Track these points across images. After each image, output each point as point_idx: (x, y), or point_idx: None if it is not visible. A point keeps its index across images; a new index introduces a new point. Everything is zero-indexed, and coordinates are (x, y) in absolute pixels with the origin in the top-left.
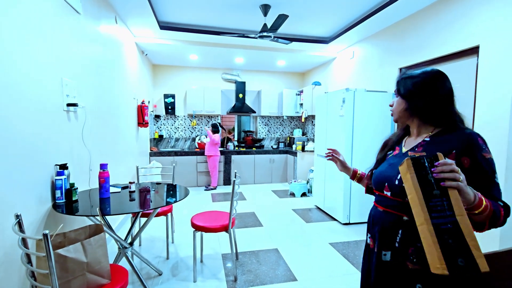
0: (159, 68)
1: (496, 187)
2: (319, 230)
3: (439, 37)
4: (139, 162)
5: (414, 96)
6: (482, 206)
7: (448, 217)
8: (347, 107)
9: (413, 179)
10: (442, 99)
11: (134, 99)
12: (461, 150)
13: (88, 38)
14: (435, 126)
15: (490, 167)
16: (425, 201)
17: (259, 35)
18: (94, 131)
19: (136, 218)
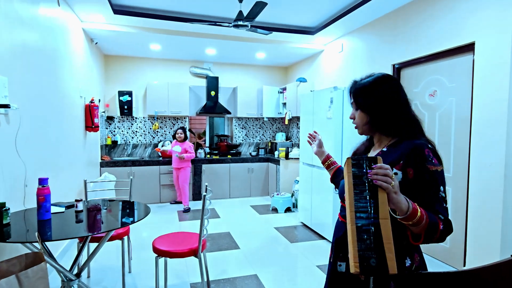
0: (113, 60)
1: (438, 201)
2: (305, 251)
3: (434, 32)
4: (88, 175)
5: (374, 107)
6: (417, 216)
7: (371, 218)
8: (335, 108)
9: (349, 178)
10: (400, 105)
11: (81, 97)
12: (407, 161)
13: (23, 25)
14: (392, 136)
15: (434, 180)
16: (355, 200)
17: (234, 24)
18: (31, 138)
19: (84, 244)
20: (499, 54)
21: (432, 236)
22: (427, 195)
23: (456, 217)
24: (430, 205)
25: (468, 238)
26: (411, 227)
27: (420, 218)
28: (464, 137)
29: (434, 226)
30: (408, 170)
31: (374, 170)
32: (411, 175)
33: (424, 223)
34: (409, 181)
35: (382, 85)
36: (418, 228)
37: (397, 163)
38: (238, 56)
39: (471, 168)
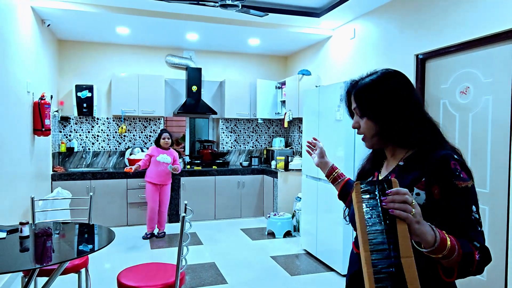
0: (69, 46)
1: (471, 225)
2: (310, 287)
3: (467, 14)
4: (36, 191)
5: (387, 114)
6: (447, 248)
7: (391, 258)
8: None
9: (360, 208)
10: (417, 110)
11: (29, 93)
12: (431, 177)
13: None
14: (407, 147)
15: (465, 200)
16: (368, 237)
17: (221, 3)
18: None
19: (31, 278)
20: None
21: (467, 269)
22: (458, 218)
23: (494, 243)
24: (462, 231)
25: (510, 269)
26: (441, 260)
27: (452, 249)
28: (503, 144)
29: (469, 257)
30: (432, 188)
31: (390, 197)
32: (437, 195)
33: (456, 254)
34: (434, 202)
35: (391, 84)
36: (449, 261)
37: (418, 181)
38: (226, 43)
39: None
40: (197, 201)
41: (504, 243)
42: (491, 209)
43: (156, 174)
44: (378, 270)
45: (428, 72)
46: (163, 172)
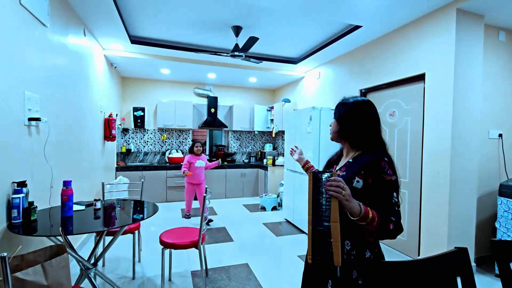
0: (129, 81)
1: (390, 206)
2: (288, 243)
3: (393, 64)
4: (105, 178)
5: (345, 121)
6: (368, 218)
7: (324, 221)
8: (313, 124)
9: (309, 189)
10: (367, 125)
11: (101, 112)
12: (367, 171)
13: (54, 51)
14: (357, 149)
15: (389, 188)
16: (312, 207)
17: (231, 54)
18: (57, 146)
19: (101, 237)
20: (444, 83)
21: (383, 234)
22: (382, 200)
23: (412, 215)
24: (385, 209)
25: (422, 232)
26: (366, 226)
27: (372, 219)
28: (417, 149)
29: (385, 226)
30: (368, 178)
31: (329, 183)
32: (370, 183)
33: (375, 223)
34: (368, 188)
35: (359, 106)
36: (371, 227)
37: (359, 173)
38: (234, 80)
39: (423, 175)
40: (213, 185)
41: (418, 215)
42: (409, 193)
43: (194, 176)
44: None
45: None
46: (199, 174)
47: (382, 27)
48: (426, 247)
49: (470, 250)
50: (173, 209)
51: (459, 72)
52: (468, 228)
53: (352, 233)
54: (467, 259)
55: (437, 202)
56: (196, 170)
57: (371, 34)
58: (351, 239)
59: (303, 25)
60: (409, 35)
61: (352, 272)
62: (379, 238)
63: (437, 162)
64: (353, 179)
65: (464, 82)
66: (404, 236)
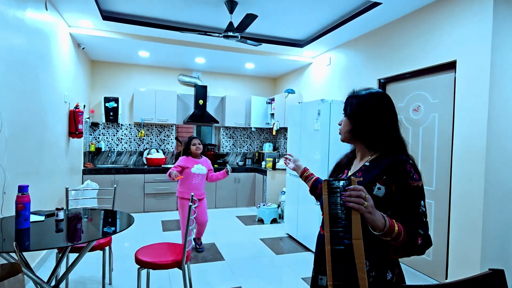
0: (100, 66)
1: (417, 216)
2: (291, 263)
3: (418, 49)
4: (70, 183)
5: (358, 117)
6: (394, 232)
7: (345, 239)
8: (322, 120)
9: (325, 201)
10: (385, 121)
11: (66, 102)
12: (389, 176)
13: (7, 27)
14: (374, 151)
15: (415, 196)
16: (330, 222)
17: (224, 35)
18: (11, 143)
19: (64, 254)
20: (479, 72)
21: (410, 250)
22: (408, 210)
23: (438, 230)
24: (411, 220)
25: (450, 251)
26: (390, 242)
27: (398, 234)
28: (446, 152)
29: (413, 241)
30: (391, 185)
31: (348, 193)
32: (394, 190)
33: (402, 238)
34: (391, 196)
35: (373, 100)
36: (397, 242)
37: (380, 178)
38: (227, 66)
39: (453, 182)
40: None
41: (446, 229)
42: (436, 203)
43: (190, 187)
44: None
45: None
46: (198, 185)
47: (405, 5)
48: (455, 268)
49: (509, 272)
50: (152, 221)
51: (497, 60)
52: (505, 246)
53: (372, 250)
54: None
55: (469, 214)
56: (194, 178)
57: (392, 13)
58: (371, 258)
59: (311, 0)
60: (437, 15)
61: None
62: (405, 255)
63: (469, 166)
64: (373, 186)
65: (502, 72)
66: (429, 255)
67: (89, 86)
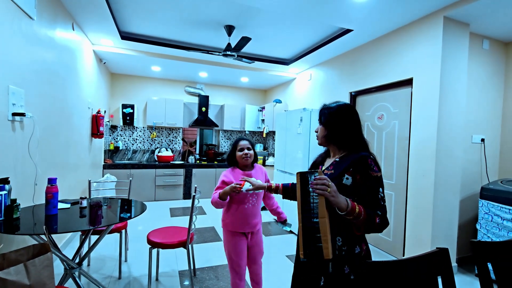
0: (118, 78)
1: (376, 200)
2: (277, 243)
3: (382, 68)
4: (92, 176)
5: (331, 125)
6: (355, 212)
7: (313, 218)
8: (304, 125)
9: (298, 189)
10: (352, 127)
11: (89, 108)
12: (355, 168)
13: (41, 44)
14: (343, 150)
15: (375, 184)
16: (301, 206)
17: (223, 53)
18: (42, 142)
19: (86, 236)
20: (430, 88)
21: (370, 227)
22: (369, 195)
23: (397, 216)
24: (371, 203)
25: (407, 233)
26: (353, 220)
27: (359, 213)
28: (404, 152)
29: (371, 220)
30: (356, 175)
31: (315, 181)
32: (358, 180)
33: (362, 217)
34: (357, 184)
35: (342, 111)
36: (358, 221)
37: (347, 170)
38: (226, 79)
39: (409, 177)
40: (203, 185)
41: (403, 216)
42: (396, 194)
43: (242, 216)
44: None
45: (358, 104)
46: (253, 211)
47: (372, 32)
48: (410, 247)
49: (452, 251)
50: (161, 208)
51: (445, 78)
52: (450, 229)
53: (343, 229)
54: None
55: (421, 203)
56: (247, 201)
57: (362, 38)
58: (342, 235)
59: (295, 27)
60: (398, 40)
61: (344, 268)
62: (366, 232)
63: (422, 165)
64: (342, 176)
65: (449, 88)
66: (390, 237)
67: (109, 94)
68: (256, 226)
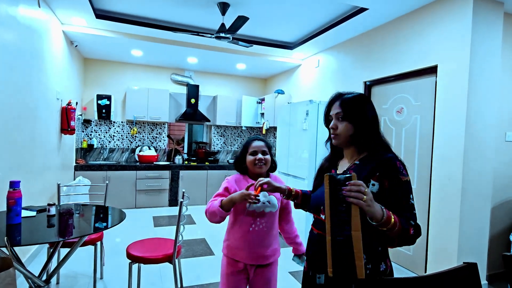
0: (93, 63)
1: (409, 208)
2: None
3: (402, 54)
4: (62, 178)
5: (359, 120)
6: (391, 223)
7: (345, 230)
8: (310, 120)
9: (327, 194)
10: (375, 123)
11: (58, 99)
12: (382, 173)
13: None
14: (364, 151)
15: (406, 190)
16: (331, 214)
17: (216, 36)
18: (2, 139)
19: (55, 249)
20: (458, 77)
21: (404, 240)
22: (400, 203)
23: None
24: (402, 212)
25: (429, 246)
26: (387, 232)
27: (394, 225)
28: (427, 152)
29: (406, 231)
30: (384, 181)
31: (348, 187)
32: (387, 186)
33: (397, 229)
34: (384, 191)
35: (367, 103)
36: (392, 233)
37: (373, 175)
38: (219, 66)
39: (433, 181)
40: (192, 189)
41: (426, 227)
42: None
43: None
44: (334, 238)
45: (373, 95)
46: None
47: (390, 11)
48: (433, 262)
49: (482, 266)
50: (143, 217)
51: (475, 65)
52: (480, 241)
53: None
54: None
55: (447, 211)
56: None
57: (378, 18)
58: (367, 252)
59: (301, 4)
60: (420, 22)
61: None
62: (399, 245)
63: (448, 167)
64: (367, 183)
65: (480, 76)
66: (410, 250)
67: (82, 83)
68: (266, 257)
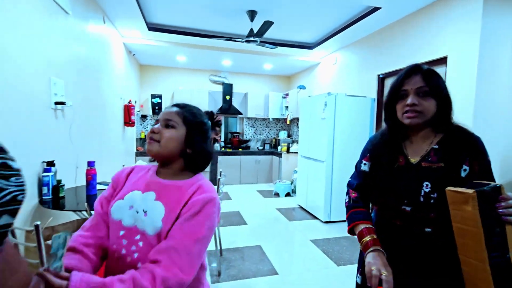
0: (147, 69)
1: None
2: (301, 228)
3: (413, 47)
4: (126, 161)
5: (447, 98)
6: None
7: (506, 255)
8: (328, 110)
9: (476, 215)
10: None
11: (121, 98)
12: (473, 156)
13: (76, 38)
14: (437, 132)
15: (491, 170)
16: (486, 237)
17: (246, 40)
18: (81, 129)
19: None
20: (467, 67)
21: None
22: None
23: None
24: None
25: None
26: None
27: None
28: None
29: None
30: (474, 165)
31: (505, 203)
32: (477, 170)
33: None
34: (474, 175)
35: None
36: None
37: (465, 160)
38: (249, 66)
39: None
40: (228, 171)
41: None
42: None
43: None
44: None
45: (387, 87)
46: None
47: (402, 8)
48: None
49: None
50: None
51: (484, 55)
52: None
53: None
54: None
55: None
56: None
57: (391, 16)
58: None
59: (319, 8)
60: (430, 18)
61: None
62: None
63: None
64: (460, 168)
65: (489, 67)
66: None
67: (139, 85)
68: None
